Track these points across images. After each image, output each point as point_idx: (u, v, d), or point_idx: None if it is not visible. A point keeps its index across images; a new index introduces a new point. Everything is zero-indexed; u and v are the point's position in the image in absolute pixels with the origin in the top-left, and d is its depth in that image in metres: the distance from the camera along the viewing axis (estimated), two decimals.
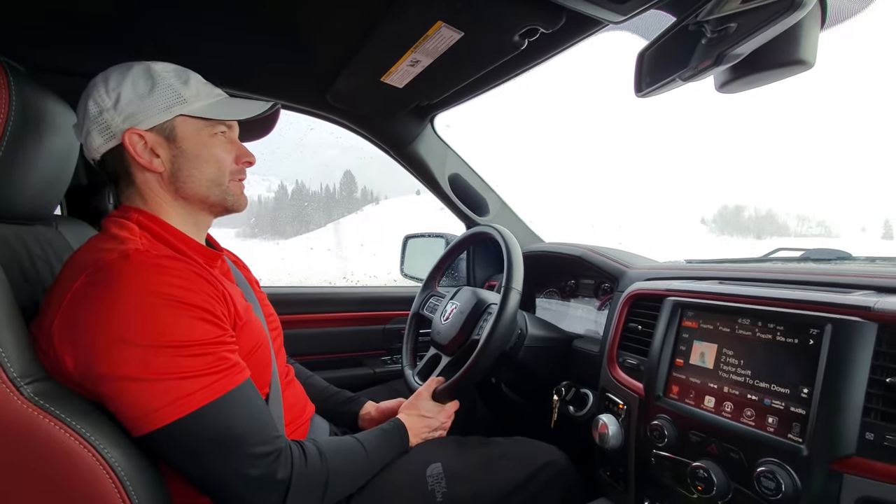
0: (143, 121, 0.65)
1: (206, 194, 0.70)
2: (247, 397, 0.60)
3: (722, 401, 0.68)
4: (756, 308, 0.67)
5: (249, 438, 0.58)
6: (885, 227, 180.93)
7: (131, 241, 0.60)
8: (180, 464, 0.57)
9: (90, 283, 0.55)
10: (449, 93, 1.15)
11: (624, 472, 0.83)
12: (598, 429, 0.84)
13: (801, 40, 0.56)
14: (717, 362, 0.70)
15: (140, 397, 0.53)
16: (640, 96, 0.76)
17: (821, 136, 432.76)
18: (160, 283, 0.56)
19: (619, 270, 1.06)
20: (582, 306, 1.26)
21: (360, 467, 0.72)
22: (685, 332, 0.76)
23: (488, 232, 1.07)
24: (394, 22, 0.82)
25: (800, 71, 0.60)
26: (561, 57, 0.99)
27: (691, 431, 0.69)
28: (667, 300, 0.81)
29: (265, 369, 0.72)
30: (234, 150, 0.72)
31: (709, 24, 0.62)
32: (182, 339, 0.55)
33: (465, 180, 1.52)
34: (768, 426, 0.61)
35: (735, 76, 0.65)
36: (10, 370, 0.51)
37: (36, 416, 0.50)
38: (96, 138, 0.65)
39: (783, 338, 0.63)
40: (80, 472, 0.51)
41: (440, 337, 1.05)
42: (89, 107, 0.65)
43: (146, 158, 0.66)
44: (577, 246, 1.24)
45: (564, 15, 0.77)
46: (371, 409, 0.98)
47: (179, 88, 0.67)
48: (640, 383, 0.81)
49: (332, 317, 1.43)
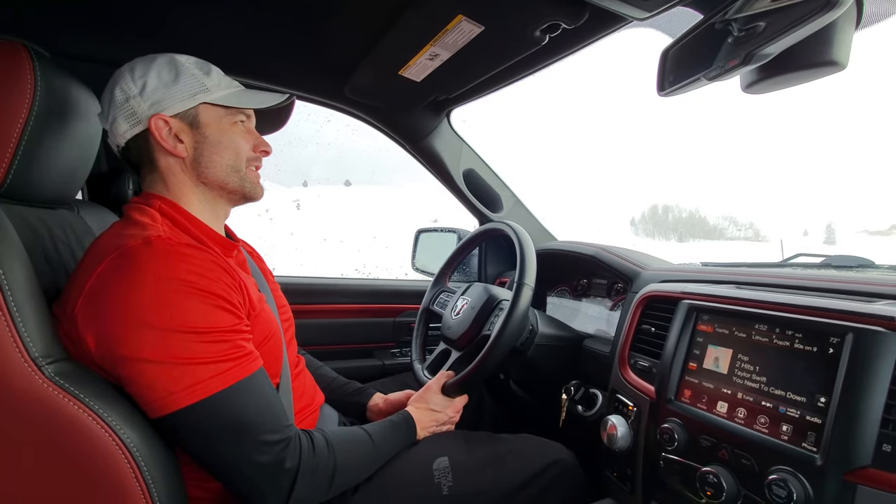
0: (169, 107, 0.67)
1: (226, 180, 0.71)
2: (259, 386, 0.61)
3: (735, 406, 0.67)
4: (774, 314, 0.66)
5: (260, 426, 0.59)
6: (828, 232, 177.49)
7: (153, 228, 0.62)
8: (192, 448, 0.59)
9: (113, 267, 0.56)
10: (467, 87, 1.14)
11: (632, 473, 0.82)
12: (607, 429, 0.83)
13: (834, 41, 0.55)
14: (732, 368, 0.69)
15: (157, 380, 0.54)
16: (663, 95, 0.75)
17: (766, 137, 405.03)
18: (181, 270, 0.57)
19: (634, 271, 1.05)
20: (594, 306, 1.25)
21: (367, 458, 0.73)
22: (699, 336, 0.75)
23: (501, 228, 1.06)
24: (414, 15, 0.81)
25: (831, 72, 0.58)
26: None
27: (702, 436, 0.69)
28: (682, 303, 0.80)
29: (276, 359, 0.73)
30: (252, 139, 0.74)
31: (737, 22, 0.60)
32: (200, 325, 0.56)
33: (480, 176, 1.51)
34: (782, 434, 0.60)
35: (762, 76, 0.64)
36: (32, 350, 0.52)
37: (56, 396, 0.51)
38: (122, 124, 0.67)
39: (801, 345, 0.62)
40: (97, 451, 0.52)
41: (451, 332, 1.05)
42: (116, 94, 0.67)
43: (171, 143, 0.67)
44: (590, 245, 1.23)
45: (588, 10, 0.76)
46: (379, 401, 0.99)
47: (202, 78, 0.69)
48: (651, 385, 0.81)
49: (343, 308, 1.44)
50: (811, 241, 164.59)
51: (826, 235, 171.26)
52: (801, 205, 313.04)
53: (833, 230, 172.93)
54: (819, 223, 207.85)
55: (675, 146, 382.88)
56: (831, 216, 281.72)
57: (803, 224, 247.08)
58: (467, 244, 1.22)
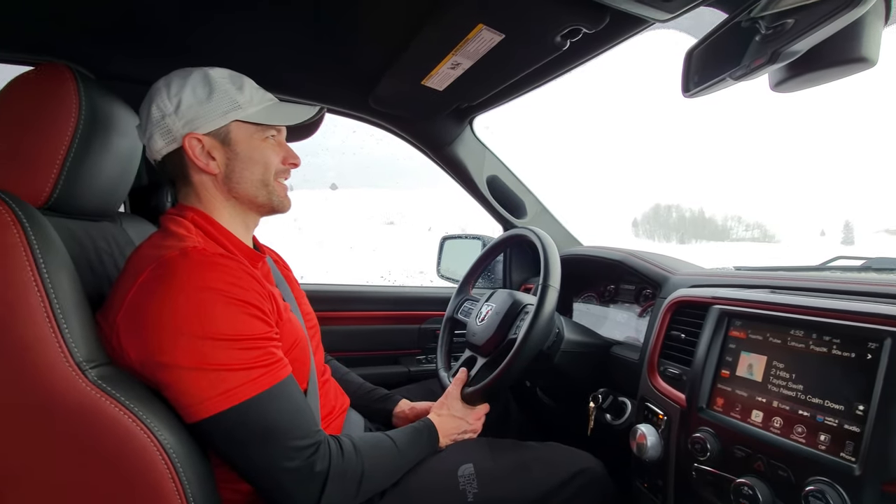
0: (202, 126, 0.69)
1: (255, 194, 0.73)
2: (289, 392, 0.63)
3: (771, 416, 0.64)
4: (810, 319, 0.63)
5: (291, 431, 0.61)
6: (846, 231, 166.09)
7: (189, 239, 0.64)
8: (225, 452, 0.61)
9: (153, 277, 0.59)
10: (489, 95, 1.15)
11: (662, 484, 0.80)
12: (637, 439, 0.81)
13: (863, 37, 0.53)
14: (767, 375, 0.66)
15: (193, 386, 0.57)
16: (688, 96, 0.74)
17: (778, 134, 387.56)
18: (216, 279, 0.59)
19: (662, 276, 1.03)
20: (622, 312, 1.22)
21: (393, 464, 0.74)
22: (732, 343, 0.73)
23: (523, 234, 1.06)
24: (435, 25, 0.82)
25: (861, 69, 0.56)
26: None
27: (736, 446, 0.66)
28: (712, 308, 0.78)
29: (303, 366, 0.75)
30: (282, 152, 0.76)
31: (763, 20, 0.59)
32: (234, 332, 0.59)
33: (504, 182, 1.51)
34: (820, 444, 0.57)
35: (791, 74, 0.62)
36: (76, 354, 0.55)
37: (98, 398, 0.54)
38: (158, 141, 0.70)
39: (839, 351, 0.59)
40: (136, 452, 0.55)
41: (476, 338, 1.05)
42: (152, 111, 0.69)
43: (203, 161, 0.70)
44: (617, 250, 1.21)
45: (608, 14, 0.76)
46: (405, 408, 0.99)
47: (235, 95, 0.71)
48: (681, 394, 0.78)
49: (369, 315, 1.46)
50: (828, 241, 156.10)
51: (844, 235, 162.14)
52: (817, 204, 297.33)
53: (851, 229, 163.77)
54: (836, 223, 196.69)
55: (682, 144, 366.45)
56: (849, 215, 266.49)
57: (820, 224, 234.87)
58: (490, 252, 1.21)
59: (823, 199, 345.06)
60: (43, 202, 0.65)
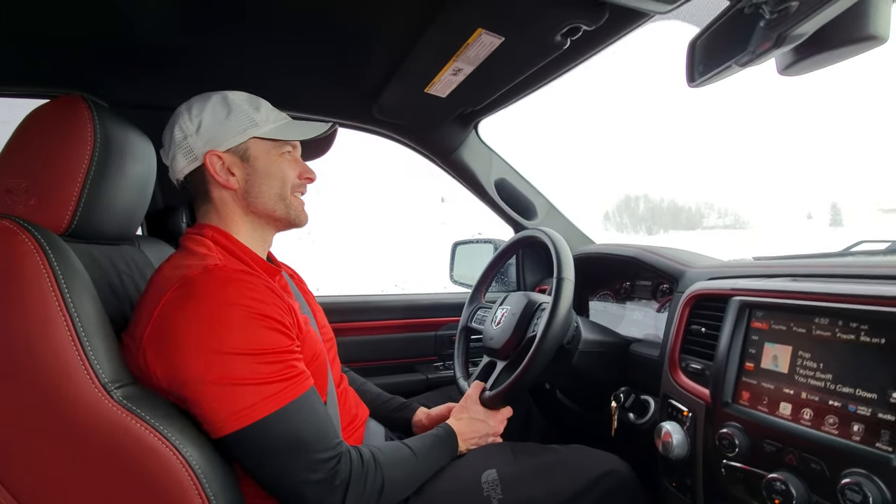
0: (222, 143, 0.72)
1: (273, 208, 0.75)
2: (311, 404, 0.64)
3: (800, 407, 0.62)
4: (836, 306, 0.61)
5: (313, 444, 0.61)
6: (833, 213, 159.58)
7: (210, 257, 0.66)
8: (249, 465, 0.61)
9: (177, 296, 0.60)
10: (492, 98, 1.15)
11: (691, 483, 0.78)
12: (662, 437, 0.80)
13: (871, 14, 0.51)
14: (793, 366, 0.65)
15: (217, 402, 0.58)
16: (694, 86, 0.72)
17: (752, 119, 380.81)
18: (238, 295, 0.61)
19: (678, 270, 1.01)
20: (639, 309, 1.21)
21: (413, 472, 0.74)
22: (755, 334, 0.71)
23: (533, 235, 1.05)
24: (435, 32, 0.83)
25: (872, 47, 0.54)
26: None
27: (766, 441, 0.65)
28: (732, 300, 0.76)
29: (322, 379, 0.75)
30: (297, 167, 0.79)
31: (767, 4, 0.58)
32: (258, 347, 0.60)
33: (512, 184, 1.51)
34: (853, 434, 0.55)
35: (799, 57, 0.61)
36: (101, 376, 0.56)
37: (124, 418, 0.55)
38: (181, 161, 0.73)
39: (868, 338, 0.57)
40: (163, 469, 0.56)
41: (493, 342, 1.04)
42: (175, 133, 0.73)
43: (223, 177, 0.72)
44: (630, 246, 1.20)
45: (608, 10, 0.75)
46: (422, 416, 0.99)
47: (252, 114, 0.74)
48: (705, 389, 0.77)
49: (384, 324, 1.47)
50: (816, 224, 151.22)
51: (832, 217, 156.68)
52: (802, 188, 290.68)
53: (839, 210, 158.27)
54: (823, 205, 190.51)
55: (656, 133, 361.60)
56: (836, 197, 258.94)
57: (806, 207, 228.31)
58: (500, 256, 1.21)
59: (808, 183, 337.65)
60: (64, 229, 0.66)
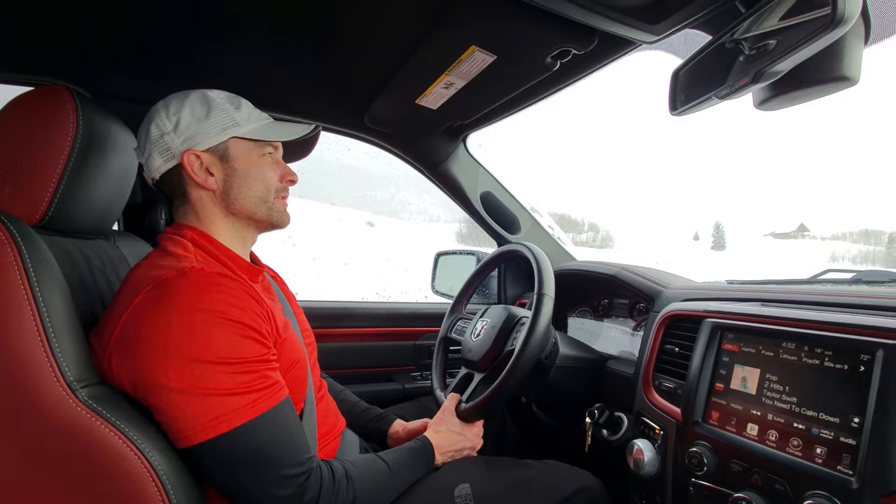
0: (201, 142, 0.69)
1: (254, 210, 0.73)
2: (284, 416, 0.62)
3: (766, 429, 0.64)
4: (802, 332, 0.64)
5: (282, 458, 0.60)
6: (716, 234, 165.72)
7: (187, 259, 0.64)
8: (216, 478, 0.59)
9: (149, 298, 0.58)
10: (481, 113, 1.17)
11: (661, 500, 0.80)
12: (633, 454, 0.81)
13: (844, 56, 0.55)
14: (761, 388, 0.67)
15: (185, 411, 0.56)
16: (675, 115, 0.76)
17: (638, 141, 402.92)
18: (213, 300, 0.59)
19: (655, 290, 1.04)
20: (616, 326, 1.23)
21: (386, 487, 0.73)
22: (725, 356, 0.74)
23: (516, 249, 1.07)
24: (429, 47, 0.84)
25: (843, 87, 0.58)
26: None
27: (733, 460, 0.66)
28: (705, 322, 0.78)
29: (301, 384, 0.74)
30: (279, 169, 0.76)
31: (746, 41, 0.61)
32: (230, 355, 0.58)
33: (497, 198, 1.52)
34: (816, 457, 0.58)
35: (774, 93, 0.64)
36: (67, 374, 0.54)
37: (89, 419, 0.53)
38: (157, 159, 0.70)
39: (832, 363, 0.60)
40: (126, 474, 0.54)
41: (472, 354, 1.04)
42: (151, 130, 0.70)
43: (202, 177, 0.70)
44: (610, 265, 1.22)
45: (597, 37, 0.78)
46: (399, 428, 0.98)
47: (232, 113, 0.72)
48: (677, 408, 0.78)
49: (364, 331, 1.45)
50: (702, 245, 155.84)
51: (714, 239, 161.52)
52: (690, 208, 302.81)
53: (722, 232, 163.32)
54: (710, 227, 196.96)
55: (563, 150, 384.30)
56: (723, 218, 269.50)
57: (692, 227, 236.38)
58: (483, 268, 1.21)
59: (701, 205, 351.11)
60: (38, 220, 0.64)
